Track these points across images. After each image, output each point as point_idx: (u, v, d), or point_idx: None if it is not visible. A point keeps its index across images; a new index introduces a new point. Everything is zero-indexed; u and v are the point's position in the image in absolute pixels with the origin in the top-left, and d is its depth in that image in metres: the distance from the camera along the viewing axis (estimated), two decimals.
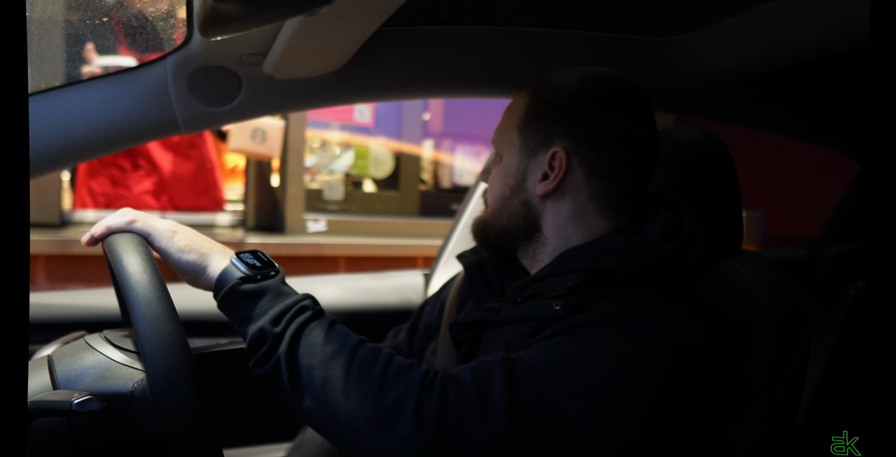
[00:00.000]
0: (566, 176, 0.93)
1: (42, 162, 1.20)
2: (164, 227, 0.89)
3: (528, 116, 0.96)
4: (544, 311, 0.85)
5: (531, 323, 0.86)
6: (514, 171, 0.97)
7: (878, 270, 0.57)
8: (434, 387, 0.77)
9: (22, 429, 0.55)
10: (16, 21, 0.52)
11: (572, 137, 0.92)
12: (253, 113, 1.32)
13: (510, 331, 0.89)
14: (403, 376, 0.78)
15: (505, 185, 0.98)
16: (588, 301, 0.83)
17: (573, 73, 0.96)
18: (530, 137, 0.95)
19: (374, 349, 0.82)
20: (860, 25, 1.09)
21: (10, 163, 0.52)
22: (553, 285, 0.87)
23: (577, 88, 0.93)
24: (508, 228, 0.98)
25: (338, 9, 0.90)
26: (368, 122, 3.45)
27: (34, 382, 0.82)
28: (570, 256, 0.91)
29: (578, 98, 0.93)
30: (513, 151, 0.97)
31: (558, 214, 0.94)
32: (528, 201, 0.96)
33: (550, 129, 0.93)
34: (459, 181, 3.70)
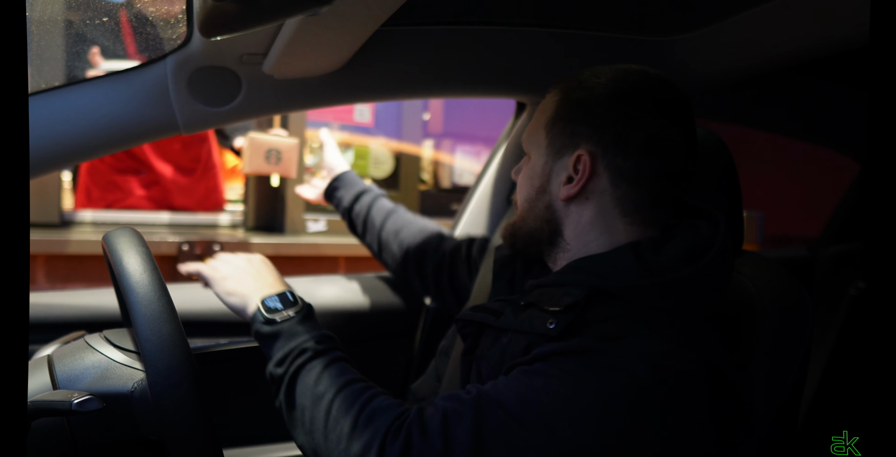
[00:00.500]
0: (590, 180, 0.89)
1: (42, 162, 1.20)
2: (221, 274, 1.06)
3: (556, 116, 0.92)
4: (539, 327, 0.83)
5: (526, 337, 0.84)
6: (539, 172, 0.94)
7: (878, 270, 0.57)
8: (400, 431, 0.78)
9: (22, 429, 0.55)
10: (16, 21, 0.52)
11: (599, 140, 0.88)
12: (253, 113, 1.32)
13: (506, 342, 0.88)
14: (376, 418, 0.80)
15: (531, 187, 0.95)
16: (584, 323, 0.80)
17: (606, 71, 0.92)
18: (557, 137, 0.92)
19: (358, 390, 0.85)
20: (860, 25, 1.09)
21: (10, 163, 0.52)
22: (554, 297, 0.84)
23: (607, 88, 0.89)
24: (533, 231, 0.95)
25: (338, 9, 0.90)
26: (368, 122, 3.45)
27: (34, 382, 0.82)
28: (578, 267, 0.88)
29: (608, 98, 0.88)
30: (539, 151, 0.94)
31: (581, 218, 0.91)
32: (552, 204, 0.92)
33: (577, 130, 0.89)
34: (459, 181, 3.69)
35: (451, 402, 0.79)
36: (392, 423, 0.79)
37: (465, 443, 0.74)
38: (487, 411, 0.76)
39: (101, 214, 2.63)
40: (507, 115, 1.74)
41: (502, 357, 0.86)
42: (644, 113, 0.87)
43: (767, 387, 0.93)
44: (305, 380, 0.89)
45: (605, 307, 0.81)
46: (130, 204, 2.72)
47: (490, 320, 0.91)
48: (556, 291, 0.85)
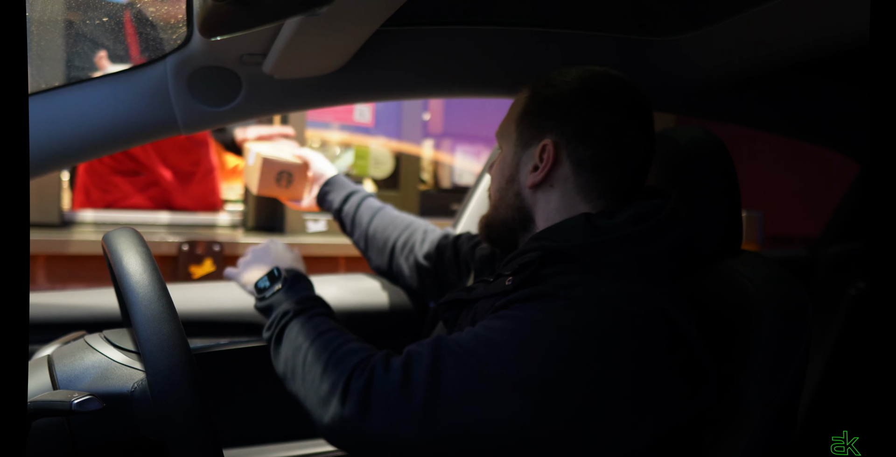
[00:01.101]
0: (554, 168, 0.96)
1: (42, 162, 1.20)
2: (239, 269, 1.33)
3: (525, 111, 1.00)
4: (500, 287, 0.90)
5: (492, 299, 0.91)
6: (509, 162, 1.01)
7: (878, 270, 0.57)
8: (365, 369, 0.85)
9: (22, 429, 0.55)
10: (16, 21, 0.52)
11: (562, 131, 0.96)
12: (253, 113, 1.32)
13: (476, 308, 0.94)
14: (345, 359, 0.88)
15: (502, 176, 1.03)
16: (539, 278, 0.87)
17: (572, 71, 1.00)
18: (525, 130, 1.00)
19: (331, 337, 0.95)
20: (860, 25, 1.09)
21: (10, 163, 0.52)
22: (514, 262, 0.91)
23: (572, 85, 0.97)
24: (505, 220, 1.02)
25: (338, 9, 0.90)
26: (368, 122, 3.45)
27: (34, 382, 0.82)
28: (538, 237, 0.94)
29: (572, 94, 0.96)
30: (510, 144, 1.02)
31: (548, 205, 0.98)
32: (521, 192, 1.00)
33: (543, 123, 0.97)
34: (459, 181, 3.69)
35: (415, 346, 0.86)
36: (358, 363, 0.87)
37: (422, 376, 0.80)
38: (445, 348, 0.82)
39: (101, 214, 2.63)
40: None
41: (473, 322, 0.92)
42: (605, 108, 0.95)
43: (766, 387, 0.93)
44: (288, 336, 1.02)
45: (558, 266, 0.87)
46: (130, 204, 2.72)
47: (463, 295, 0.99)
48: (516, 260, 0.92)
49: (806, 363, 0.95)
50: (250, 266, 1.29)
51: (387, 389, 0.81)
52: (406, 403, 0.80)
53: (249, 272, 1.28)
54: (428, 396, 0.79)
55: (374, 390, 0.82)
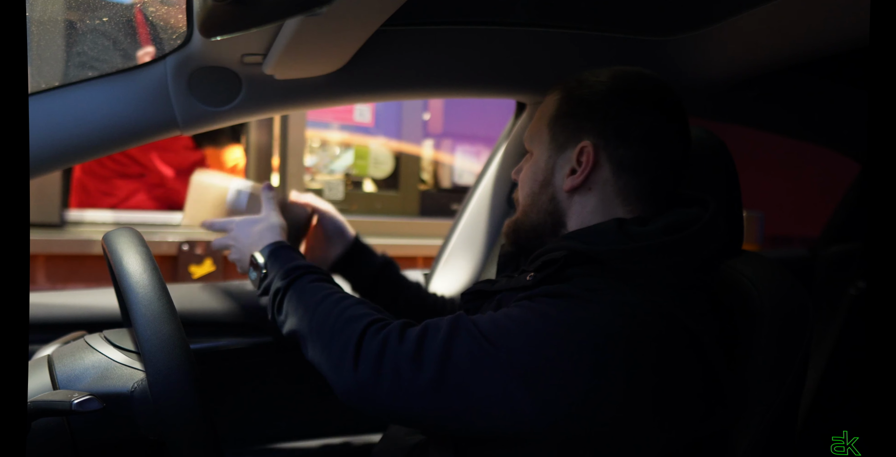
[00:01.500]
0: (594, 171, 0.93)
1: (42, 162, 1.20)
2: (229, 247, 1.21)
3: (559, 113, 0.97)
4: (521, 281, 0.90)
5: (512, 293, 0.90)
6: (542, 167, 0.98)
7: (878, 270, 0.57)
8: (378, 333, 0.84)
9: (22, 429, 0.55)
10: (16, 21, 0.52)
11: (601, 132, 0.93)
12: (253, 113, 1.32)
13: (498, 300, 0.93)
14: (350, 325, 0.87)
15: (534, 181, 0.99)
16: (562, 278, 0.85)
17: (605, 71, 0.97)
18: (560, 132, 0.97)
19: (330, 305, 0.92)
20: (860, 25, 1.09)
21: (10, 163, 0.52)
22: (538, 260, 0.90)
23: (607, 85, 0.94)
24: (536, 225, 0.99)
25: (338, 9, 0.90)
26: (368, 122, 3.45)
27: (34, 382, 0.82)
28: (566, 236, 0.92)
29: (609, 94, 0.94)
30: (542, 147, 0.99)
31: (583, 209, 0.95)
32: (556, 196, 0.97)
33: (579, 124, 0.94)
34: (459, 181, 3.69)
35: (435, 319, 0.85)
36: (368, 326, 0.85)
37: (434, 350, 0.80)
38: (462, 327, 0.81)
39: (100, 213, 2.63)
40: (507, 115, 1.74)
41: None
42: (643, 108, 0.93)
43: (767, 387, 0.93)
44: (288, 312, 0.99)
45: (583, 268, 0.85)
46: (134, 205, 2.72)
47: (486, 287, 0.99)
48: (542, 256, 0.90)
49: (807, 364, 0.95)
50: (235, 250, 1.19)
51: (399, 357, 0.80)
52: (416, 374, 0.79)
53: (237, 254, 1.18)
54: (438, 370, 0.79)
55: (386, 357, 0.81)
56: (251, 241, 1.13)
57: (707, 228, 0.88)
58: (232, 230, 1.18)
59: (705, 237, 0.87)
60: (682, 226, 0.88)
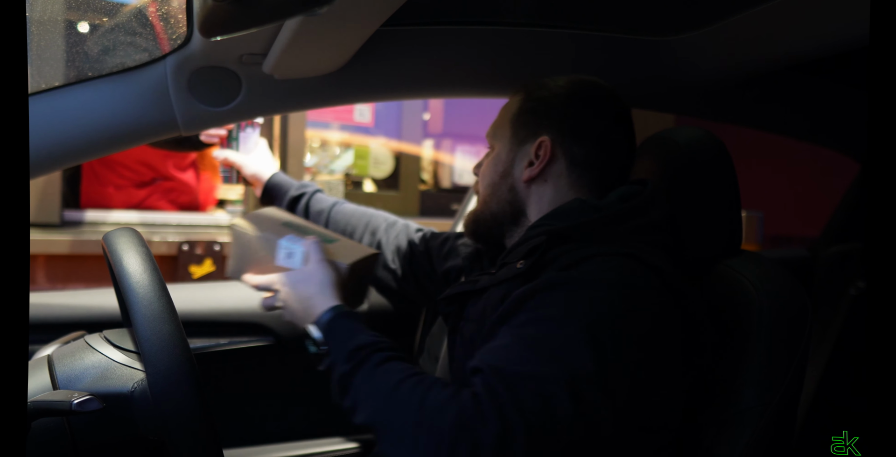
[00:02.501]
0: (550, 163, 1.03)
1: (42, 162, 1.20)
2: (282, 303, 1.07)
3: (521, 110, 1.07)
4: (511, 271, 0.93)
5: (502, 286, 0.94)
6: (503, 159, 1.07)
7: (878, 270, 0.57)
8: (464, 428, 0.75)
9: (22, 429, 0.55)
10: (16, 21, 0.52)
11: (559, 130, 1.03)
12: (253, 113, 1.32)
13: (485, 297, 0.96)
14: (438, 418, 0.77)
15: (494, 172, 1.08)
16: (548, 262, 0.90)
17: (563, 78, 1.08)
18: (521, 128, 1.06)
19: (406, 393, 0.81)
20: (860, 25, 1.09)
21: (10, 163, 0.52)
22: (519, 251, 0.95)
23: (567, 90, 1.05)
24: (496, 214, 1.07)
25: (338, 9, 0.90)
26: (368, 122, 3.45)
27: (34, 382, 0.82)
28: (536, 225, 0.99)
29: (568, 98, 1.04)
30: (504, 142, 1.08)
31: (541, 199, 1.04)
32: (515, 186, 1.06)
33: (540, 121, 1.04)
34: (459, 181, 3.69)
35: (482, 388, 0.78)
36: (454, 422, 0.76)
37: (515, 419, 0.74)
38: (509, 384, 0.77)
39: (101, 213, 2.63)
40: None
41: (483, 312, 0.95)
42: (597, 113, 1.04)
43: (766, 386, 0.93)
44: (357, 400, 0.87)
45: (563, 247, 0.91)
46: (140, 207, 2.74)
47: (469, 287, 1.01)
48: (520, 248, 0.96)
49: (806, 363, 0.95)
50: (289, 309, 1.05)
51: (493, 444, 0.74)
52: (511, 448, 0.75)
53: (291, 316, 1.06)
54: (529, 437, 0.74)
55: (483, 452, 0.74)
56: (303, 307, 1.02)
57: (653, 193, 0.99)
58: (279, 291, 1.06)
59: (654, 200, 0.99)
60: (633, 195, 0.99)
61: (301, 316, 1.02)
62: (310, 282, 1.03)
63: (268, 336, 1.52)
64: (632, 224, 0.95)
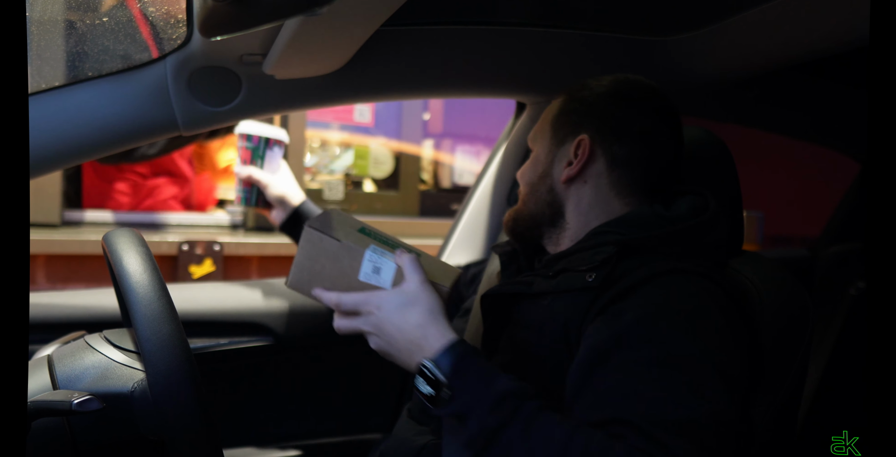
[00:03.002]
0: (589, 163, 0.99)
1: (42, 162, 1.20)
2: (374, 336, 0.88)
3: (561, 111, 1.04)
4: (577, 283, 0.88)
5: (566, 296, 0.89)
6: (542, 159, 1.04)
7: (878, 270, 0.57)
8: None
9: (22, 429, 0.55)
10: (16, 21, 0.52)
11: (598, 129, 0.99)
12: (253, 113, 1.32)
13: (547, 305, 0.91)
14: None
15: (534, 173, 1.05)
16: (621, 274, 0.87)
17: (607, 77, 1.04)
18: (560, 128, 1.03)
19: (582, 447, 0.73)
20: (860, 25, 1.09)
21: (10, 163, 0.52)
22: (585, 259, 0.91)
23: (608, 89, 1.02)
24: (535, 214, 1.03)
25: (338, 9, 0.90)
26: (368, 122, 3.44)
27: (34, 382, 0.82)
28: (601, 231, 0.95)
29: (609, 96, 1.01)
30: (544, 142, 1.05)
31: (580, 200, 1.00)
32: (554, 187, 1.02)
33: (579, 120, 1.01)
34: (459, 181, 3.69)
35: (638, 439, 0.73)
36: None
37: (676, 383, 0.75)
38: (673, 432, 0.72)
39: (100, 214, 2.63)
40: (507, 115, 1.74)
41: (543, 320, 0.91)
42: (639, 110, 1.00)
43: (766, 386, 0.93)
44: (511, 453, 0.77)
45: (632, 260, 0.88)
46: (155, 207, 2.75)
47: (524, 289, 0.95)
48: (584, 254, 0.92)
49: (806, 363, 0.95)
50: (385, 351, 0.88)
51: None
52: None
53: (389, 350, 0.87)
54: None
55: None
56: (408, 339, 0.84)
57: (718, 210, 0.96)
58: (370, 314, 0.87)
59: (721, 218, 0.96)
60: (702, 208, 0.96)
61: (404, 348, 0.84)
62: (416, 307, 0.85)
63: (268, 336, 1.52)
64: (702, 241, 0.93)
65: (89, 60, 1.29)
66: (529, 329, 0.93)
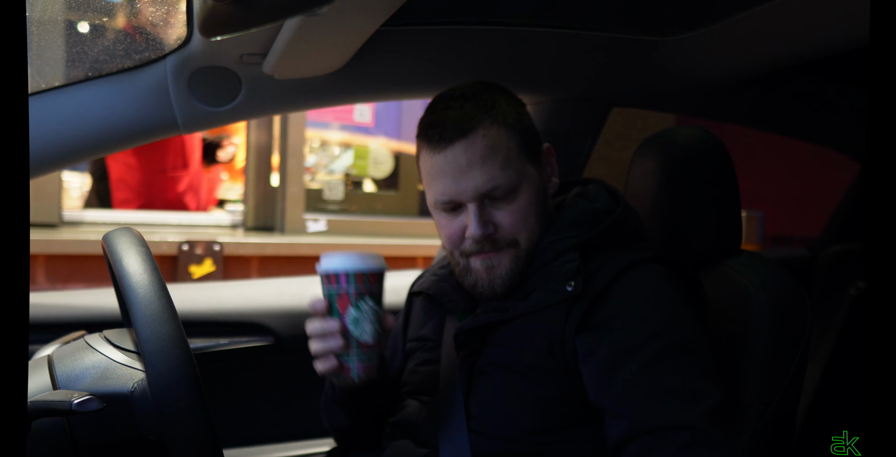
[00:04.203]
0: None
1: (42, 162, 1.20)
2: None
3: (513, 138, 0.95)
4: (559, 295, 0.91)
5: (548, 311, 0.91)
6: (535, 191, 0.96)
7: (878, 270, 0.57)
8: None
9: (22, 429, 0.55)
10: (16, 21, 0.52)
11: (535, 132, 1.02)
12: (253, 113, 1.32)
13: (521, 323, 0.93)
14: None
15: (539, 203, 0.97)
16: (592, 273, 0.91)
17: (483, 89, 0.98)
18: (528, 151, 0.97)
19: None
20: (860, 25, 1.09)
21: (10, 163, 0.52)
22: (553, 273, 0.93)
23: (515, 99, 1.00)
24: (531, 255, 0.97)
25: (338, 9, 0.90)
26: (368, 122, 3.45)
27: (34, 382, 0.82)
28: (555, 241, 0.96)
29: (520, 106, 1.00)
30: (528, 175, 0.96)
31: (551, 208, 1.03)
32: (547, 206, 1.00)
33: (536, 134, 1.00)
34: None
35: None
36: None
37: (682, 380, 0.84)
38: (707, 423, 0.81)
39: (101, 213, 2.63)
40: None
41: (523, 339, 0.93)
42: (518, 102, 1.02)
43: (766, 386, 0.93)
44: None
45: (596, 256, 0.94)
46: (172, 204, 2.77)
47: (500, 316, 0.95)
48: (548, 268, 0.94)
49: (805, 363, 0.95)
50: None
51: None
52: None
53: None
54: None
55: None
56: None
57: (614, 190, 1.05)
58: None
59: None
60: (612, 191, 1.03)
61: None
62: None
63: (268, 336, 1.52)
64: (630, 224, 0.99)
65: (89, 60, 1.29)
66: (509, 349, 0.94)
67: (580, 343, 0.89)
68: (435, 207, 0.97)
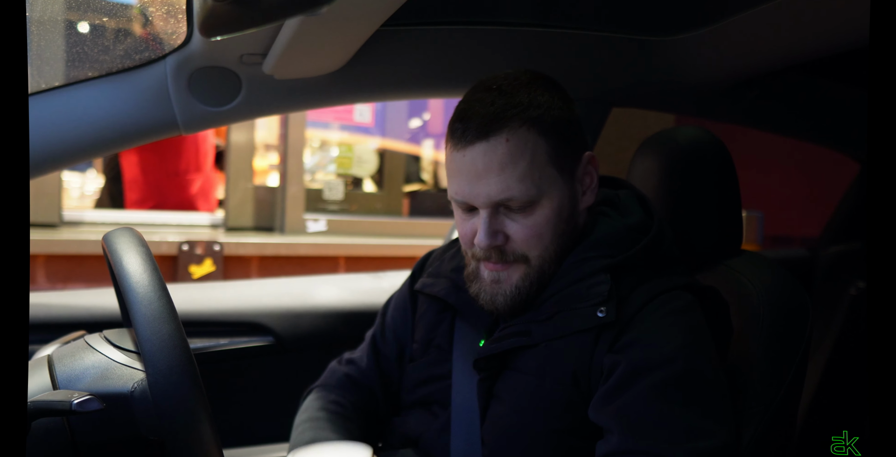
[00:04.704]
0: None
1: (42, 162, 1.20)
2: None
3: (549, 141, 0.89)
4: (588, 321, 0.86)
5: (574, 337, 0.87)
6: (565, 203, 0.91)
7: (878, 270, 0.57)
8: None
9: (22, 429, 0.55)
10: (16, 21, 0.52)
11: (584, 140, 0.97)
12: (253, 113, 1.32)
13: (544, 347, 0.89)
14: None
15: (559, 220, 0.91)
16: (622, 299, 0.87)
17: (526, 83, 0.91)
18: (564, 159, 0.91)
19: None
20: (860, 25, 1.09)
21: (10, 163, 0.52)
22: (581, 294, 0.88)
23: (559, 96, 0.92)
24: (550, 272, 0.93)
25: (338, 9, 0.90)
26: (368, 122, 3.45)
27: (34, 382, 0.82)
28: (581, 259, 0.91)
29: (564, 105, 0.92)
30: (555, 183, 0.90)
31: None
32: (578, 219, 0.95)
33: (571, 140, 0.92)
34: None
35: None
36: None
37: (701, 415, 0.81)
38: None
39: (101, 213, 2.63)
40: None
41: (544, 364, 0.89)
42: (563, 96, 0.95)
43: (766, 386, 0.93)
44: None
45: (627, 277, 0.89)
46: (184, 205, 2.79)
47: (523, 341, 0.90)
48: (577, 288, 0.89)
49: (806, 363, 0.95)
50: None
51: None
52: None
53: None
54: None
55: None
56: None
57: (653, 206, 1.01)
58: None
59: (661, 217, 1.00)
60: (642, 199, 0.99)
61: None
62: None
63: (268, 336, 1.52)
64: (666, 244, 0.94)
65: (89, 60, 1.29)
66: (530, 375, 0.89)
67: (603, 367, 0.86)
68: (453, 200, 0.94)
